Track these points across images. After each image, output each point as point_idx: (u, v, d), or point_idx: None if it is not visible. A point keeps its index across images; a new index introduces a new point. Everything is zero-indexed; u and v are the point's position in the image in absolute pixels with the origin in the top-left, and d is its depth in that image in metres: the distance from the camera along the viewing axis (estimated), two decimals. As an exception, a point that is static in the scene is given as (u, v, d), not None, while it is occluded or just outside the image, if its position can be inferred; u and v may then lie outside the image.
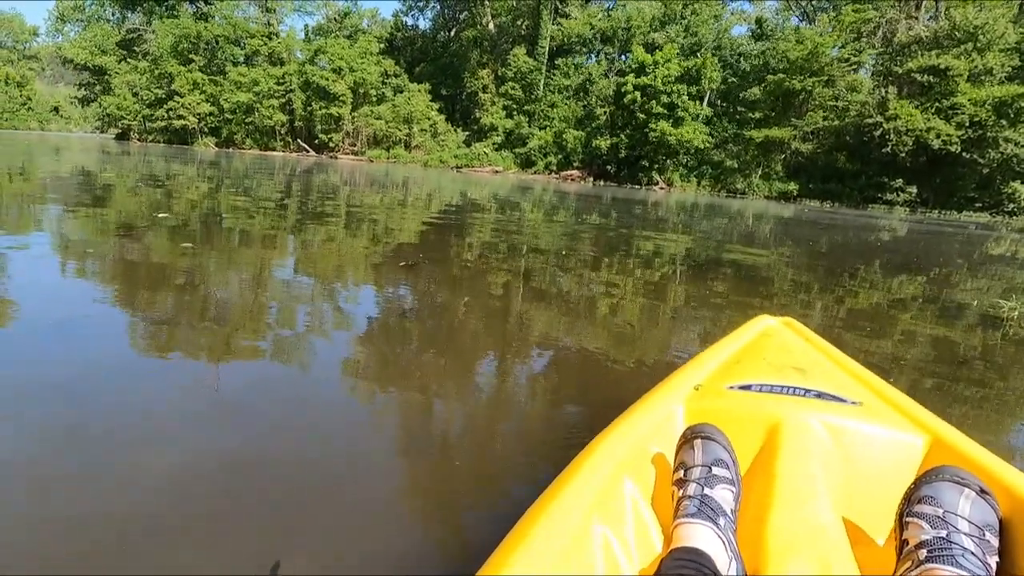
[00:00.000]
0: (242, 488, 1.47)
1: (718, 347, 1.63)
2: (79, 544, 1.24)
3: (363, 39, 38.52)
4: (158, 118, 37.70)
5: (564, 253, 5.82)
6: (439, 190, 15.33)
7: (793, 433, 1.14)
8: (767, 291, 4.69)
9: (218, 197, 8.88)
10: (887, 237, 11.92)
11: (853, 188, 26.73)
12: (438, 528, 1.40)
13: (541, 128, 34.06)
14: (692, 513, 0.93)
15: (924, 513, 0.86)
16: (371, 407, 2.09)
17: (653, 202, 17.91)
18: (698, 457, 1.02)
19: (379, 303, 3.52)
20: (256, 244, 5.05)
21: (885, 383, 1.38)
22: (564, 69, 35.23)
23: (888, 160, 25.37)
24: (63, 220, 5.48)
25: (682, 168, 30.21)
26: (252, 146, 38.13)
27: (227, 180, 12.64)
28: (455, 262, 4.94)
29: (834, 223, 14.44)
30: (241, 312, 3.01)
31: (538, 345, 2.86)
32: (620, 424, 1.18)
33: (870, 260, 7.44)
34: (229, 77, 37.42)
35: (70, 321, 2.65)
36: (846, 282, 5.51)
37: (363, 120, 36.26)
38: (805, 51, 27.15)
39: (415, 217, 8.47)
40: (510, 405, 2.21)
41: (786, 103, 28.67)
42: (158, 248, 4.44)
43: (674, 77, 28.55)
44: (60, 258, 3.92)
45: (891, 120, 24.79)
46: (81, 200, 7.03)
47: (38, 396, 1.88)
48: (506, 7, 38.41)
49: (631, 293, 4.23)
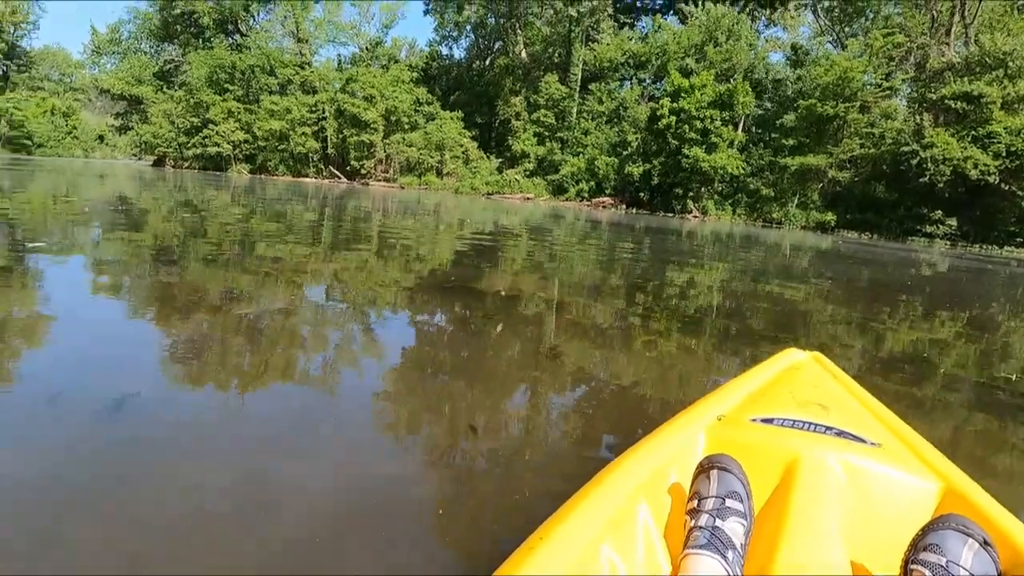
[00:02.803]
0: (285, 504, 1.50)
1: (745, 378, 1.63)
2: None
3: (395, 68, 39.13)
4: (193, 145, 38.47)
5: (596, 284, 5.72)
6: (469, 218, 15.11)
7: (810, 470, 1.14)
8: (802, 330, 4.45)
9: (252, 223, 8.82)
10: (928, 272, 11.42)
11: (892, 219, 25.80)
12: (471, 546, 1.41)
13: (574, 155, 33.80)
14: (702, 545, 0.93)
15: (928, 562, 0.87)
16: (403, 430, 2.10)
17: (687, 232, 17.46)
18: (713, 488, 1.02)
19: (413, 328, 3.56)
20: (292, 269, 5.07)
21: (906, 425, 1.37)
22: (597, 95, 35.03)
23: (926, 190, 24.44)
24: (105, 243, 5.61)
25: (716, 196, 29.61)
26: (285, 173, 38.58)
27: (259, 206, 12.66)
28: (487, 290, 4.85)
29: (873, 257, 13.86)
30: (274, 335, 3.03)
31: (570, 376, 2.82)
32: (640, 448, 1.19)
33: (911, 297, 6.98)
34: (263, 105, 38.06)
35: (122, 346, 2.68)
36: (884, 321, 5.19)
37: (395, 147, 36.57)
38: (835, 76, 26.63)
39: (446, 244, 8.28)
40: (536, 436, 2.15)
41: (820, 130, 28.06)
42: (219, 269, 4.60)
43: (707, 102, 28.12)
44: (111, 278, 4.03)
45: (928, 148, 23.92)
46: (118, 223, 7.06)
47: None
48: (540, 36, 38.77)
49: (663, 328, 4.11)
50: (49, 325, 2.83)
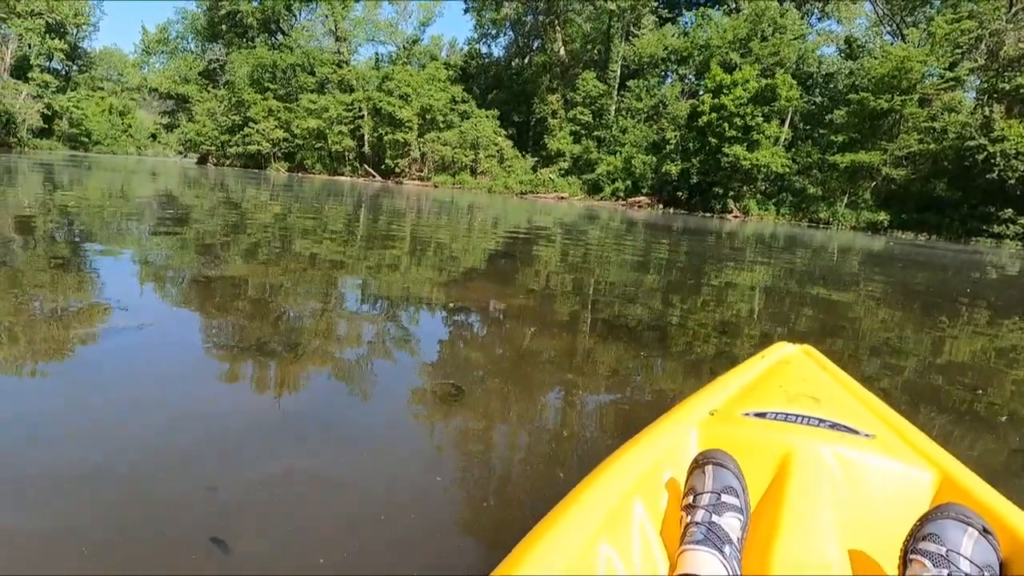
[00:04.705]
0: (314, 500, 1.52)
1: (736, 372, 1.63)
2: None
3: (431, 66, 39.03)
4: (235, 143, 39.23)
5: (631, 288, 5.56)
6: (503, 217, 14.70)
7: (805, 463, 1.13)
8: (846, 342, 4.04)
9: (289, 221, 8.67)
10: (994, 275, 10.50)
11: (954, 218, 24.19)
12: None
13: (611, 153, 32.90)
14: (698, 540, 0.92)
15: (928, 551, 0.86)
16: (434, 429, 2.09)
17: (727, 232, 16.61)
18: (708, 483, 1.01)
19: (446, 325, 3.64)
20: (328, 265, 5.28)
21: (899, 416, 1.35)
22: (636, 91, 34.02)
23: (995, 187, 22.83)
24: (152, 239, 5.98)
25: (759, 195, 28.36)
26: (321, 171, 39.00)
27: (296, 204, 12.68)
28: (520, 291, 4.89)
29: (929, 259, 12.78)
30: (308, 329, 3.15)
31: (605, 378, 2.79)
32: (634, 445, 1.18)
33: (972, 310, 6.06)
34: (301, 104, 38.52)
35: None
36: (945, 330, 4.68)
37: (430, 146, 36.43)
38: (891, 67, 25.07)
39: (479, 247, 7.96)
40: (570, 437, 2.12)
41: (873, 125, 26.52)
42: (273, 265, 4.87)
43: (748, 98, 26.87)
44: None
45: (997, 142, 22.37)
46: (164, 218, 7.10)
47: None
48: (580, 33, 37.99)
49: (700, 336, 3.91)
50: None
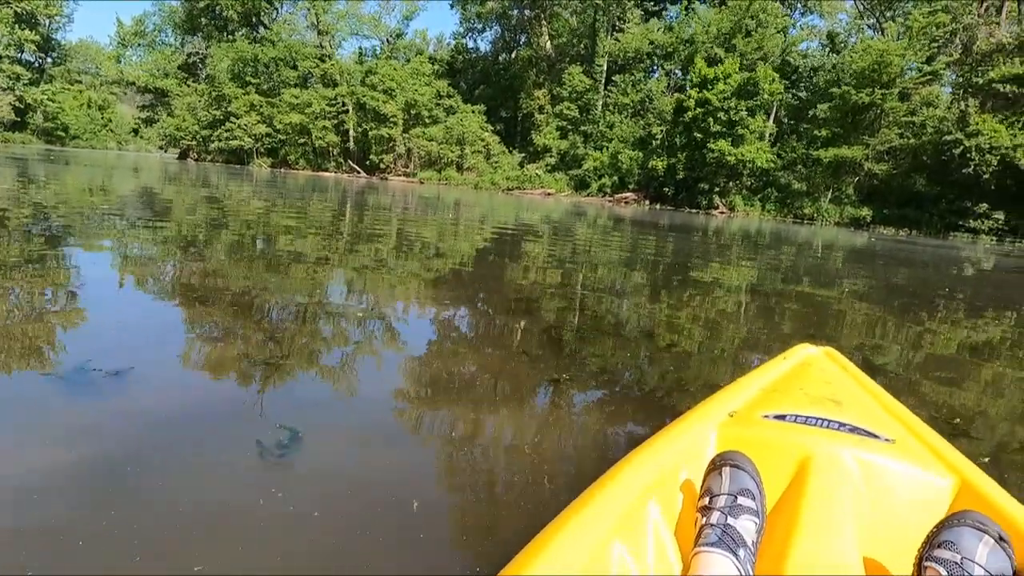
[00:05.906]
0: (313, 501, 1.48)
1: (757, 373, 1.61)
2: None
3: (415, 60, 38.72)
4: (216, 138, 38.62)
5: (618, 286, 5.56)
6: (490, 214, 14.61)
7: (823, 467, 1.12)
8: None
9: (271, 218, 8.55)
10: (970, 272, 10.55)
11: (933, 214, 24.47)
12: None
13: (597, 148, 32.87)
14: (713, 542, 0.91)
15: (942, 558, 0.85)
16: (422, 429, 2.08)
17: (714, 229, 16.69)
18: (725, 485, 1.00)
19: (433, 326, 3.55)
20: (311, 263, 5.20)
21: (920, 421, 1.34)
22: (622, 86, 34.00)
23: (971, 182, 23.10)
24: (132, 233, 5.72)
25: (744, 191, 28.51)
26: (305, 167, 38.50)
27: (280, 201, 12.47)
28: (508, 288, 4.86)
29: (909, 256, 12.94)
30: (293, 328, 3.10)
31: (592, 376, 2.75)
32: (652, 444, 1.17)
33: (951, 313, 6.19)
34: (284, 99, 37.98)
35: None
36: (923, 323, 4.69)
37: (415, 141, 36.16)
38: (871, 60, 25.29)
39: (466, 244, 7.88)
40: (555, 433, 2.08)
41: (855, 119, 26.77)
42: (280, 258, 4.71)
43: (730, 92, 26.94)
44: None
45: (972, 137, 22.60)
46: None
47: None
48: (566, 27, 37.90)
49: (686, 332, 3.93)
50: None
